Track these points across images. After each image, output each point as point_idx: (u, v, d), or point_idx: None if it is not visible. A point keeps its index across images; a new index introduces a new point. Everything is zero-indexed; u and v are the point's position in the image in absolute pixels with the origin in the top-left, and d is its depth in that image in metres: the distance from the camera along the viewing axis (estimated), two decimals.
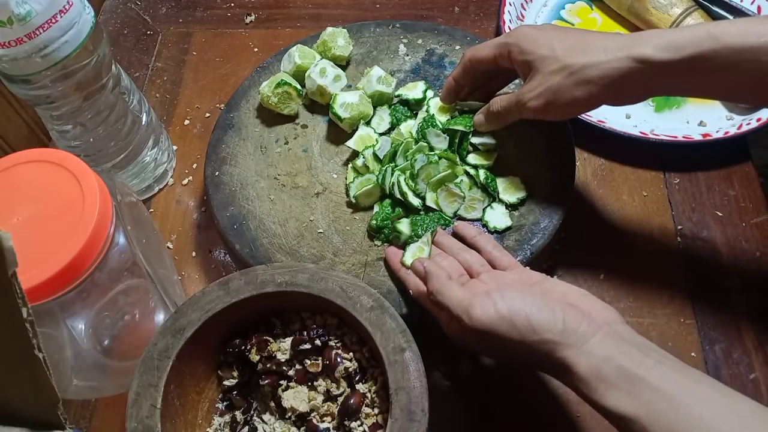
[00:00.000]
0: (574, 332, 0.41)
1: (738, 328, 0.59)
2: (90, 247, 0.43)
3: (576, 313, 0.42)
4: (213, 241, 0.67)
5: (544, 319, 0.41)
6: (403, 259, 0.54)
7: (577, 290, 0.46)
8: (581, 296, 0.45)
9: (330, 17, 0.85)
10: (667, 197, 0.67)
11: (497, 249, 0.53)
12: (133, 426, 0.43)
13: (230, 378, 0.51)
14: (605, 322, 0.42)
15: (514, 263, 0.52)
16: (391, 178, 0.59)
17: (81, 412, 0.57)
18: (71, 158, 0.46)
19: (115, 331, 0.52)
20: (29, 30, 0.49)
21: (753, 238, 0.64)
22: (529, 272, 0.50)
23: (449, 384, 0.56)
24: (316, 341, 0.49)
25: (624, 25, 0.80)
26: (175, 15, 0.87)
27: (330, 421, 0.48)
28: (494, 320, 0.42)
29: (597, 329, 0.41)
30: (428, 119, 0.62)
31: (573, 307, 0.43)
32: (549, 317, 0.42)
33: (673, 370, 0.39)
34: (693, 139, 0.68)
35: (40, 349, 0.30)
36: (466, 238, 0.55)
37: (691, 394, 0.38)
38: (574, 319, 0.42)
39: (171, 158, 0.71)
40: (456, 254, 0.53)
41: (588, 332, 0.41)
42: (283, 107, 0.65)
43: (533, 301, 0.43)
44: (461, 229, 0.56)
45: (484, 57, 0.56)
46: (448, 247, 0.55)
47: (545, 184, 0.59)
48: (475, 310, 0.43)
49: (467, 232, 0.56)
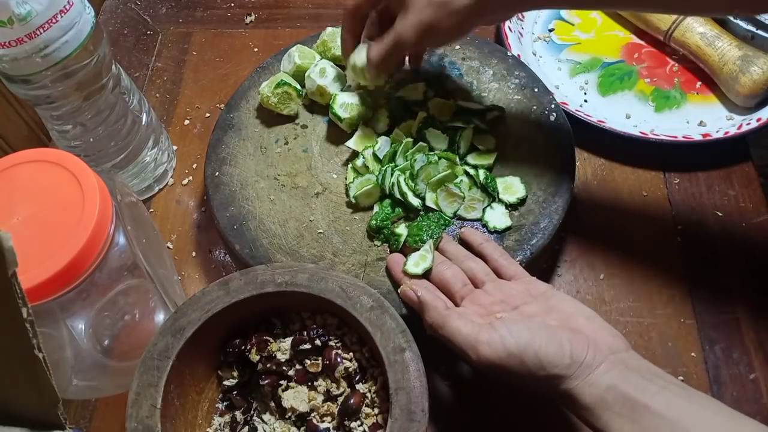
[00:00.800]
0: (580, 364, 0.41)
1: (738, 328, 0.59)
2: (90, 247, 0.43)
3: (582, 342, 0.42)
4: (213, 241, 0.67)
5: (552, 354, 0.41)
6: (406, 268, 0.53)
7: (584, 311, 0.46)
8: (587, 320, 0.45)
9: (330, 17, 0.85)
10: (667, 197, 0.67)
11: (504, 257, 0.53)
12: (133, 426, 0.43)
13: (230, 378, 0.51)
14: (610, 350, 0.42)
15: (521, 272, 0.51)
16: (391, 178, 0.59)
17: (81, 412, 0.57)
18: (71, 158, 0.46)
19: (115, 331, 0.52)
20: (29, 30, 0.49)
21: (753, 238, 0.64)
22: (535, 283, 0.50)
23: (449, 384, 0.56)
24: (316, 341, 0.49)
25: (624, 24, 0.80)
26: (175, 15, 0.87)
27: (330, 421, 0.48)
28: (502, 358, 0.42)
29: (602, 358, 0.41)
30: (428, 119, 0.62)
31: (578, 335, 0.43)
32: (557, 351, 0.41)
33: (677, 395, 0.39)
34: (693, 139, 0.68)
35: (40, 349, 0.30)
36: (473, 245, 0.55)
37: (694, 418, 0.38)
38: (580, 349, 0.42)
39: (171, 158, 0.71)
40: (461, 262, 0.53)
41: (593, 362, 0.41)
42: (283, 107, 0.65)
43: (540, 334, 0.42)
44: (468, 236, 0.56)
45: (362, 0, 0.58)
46: (453, 254, 0.54)
47: (545, 184, 0.59)
48: (483, 348, 0.42)
49: (473, 239, 0.55)
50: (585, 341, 0.42)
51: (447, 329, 0.45)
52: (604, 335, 0.44)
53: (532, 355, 0.41)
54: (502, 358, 0.42)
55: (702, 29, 0.72)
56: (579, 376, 0.41)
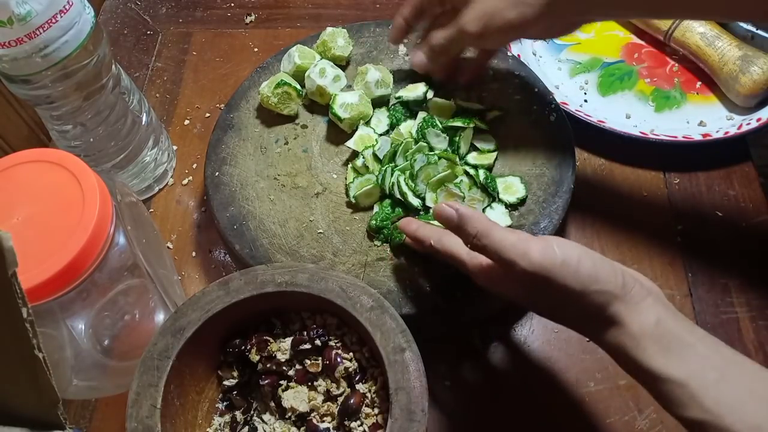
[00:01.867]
0: (630, 290, 0.40)
1: (738, 328, 0.59)
2: (90, 247, 0.43)
3: (630, 274, 0.42)
4: (213, 241, 0.67)
5: (607, 271, 0.40)
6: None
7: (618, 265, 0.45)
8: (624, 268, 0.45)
9: (330, 17, 0.85)
10: (667, 197, 0.67)
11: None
12: (133, 426, 0.43)
13: (230, 378, 0.51)
14: (654, 291, 0.42)
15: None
16: (391, 178, 0.59)
17: (81, 412, 0.57)
18: (71, 158, 0.46)
19: (115, 331, 0.52)
20: (29, 30, 0.49)
21: (753, 238, 0.64)
22: None
23: (449, 384, 0.56)
24: (316, 341, 0.49)
25: (624, 24, 0.80)
26: (175, 15, 0.87)
27: (330, 421, 0.48)
28: (556, 265, 0.40)
29: (647, 293, 0.41)
30: (428, 119, 0.62)
31: (625, 269, 0.42)
32: (610, 270, 0.41)
33: (722, 345, 0.39)
34: (693, 139, 0.68)
35: (40, 349, 0.30)
36: None
37: (741, 369, 0.38)
38: (630, 279, 0.41)
39: (171, 158, 0.71)
40: None
41: (641, 294, 0.41)
42: (283, 107, 0.65)
43: (592, 254, 0.41)
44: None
45: None
46: None
47: (545, 184, 0.59)
48: (534, 254, 0.40)
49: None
50: (631, 276, 0.42)
51: (491, 237, 0.42)
52: (644, 279, 0.43)
53: (589, 266, 0.40)
54: (556, 266, 0.40)
55: (702, 29, 0.72)
56: (630, 300, 0.40)
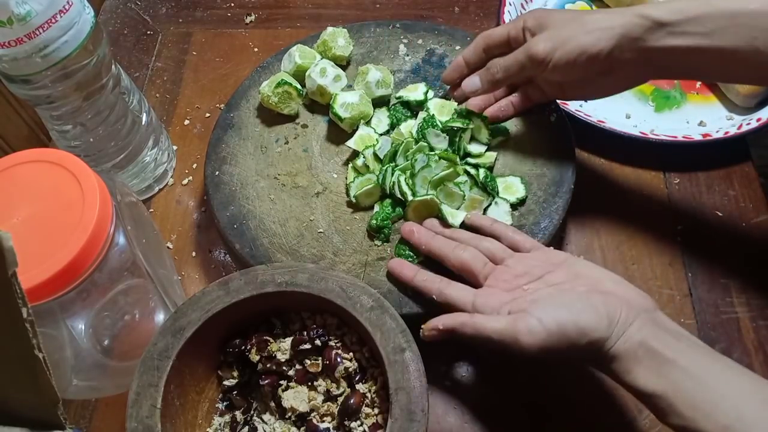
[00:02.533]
0: (616, 323, 0.42)
1: (738, 328, 0.59)
2: (90, 247, 0.43)
3: (614, 302, 0.43)
4: (213, 241, 0.67)
5: (591, 321, 0.42)
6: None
7: (609, 275, 0.46)
8: (615, 284, 0.46)
9: (330, 17, 0.85)
10: (667, 197, 0.67)
11: (517, 233, 0.53)
12: (133, 426, 0.43)
13: (230, 378, 0.51)
14: (641, 309, 0.43)
15: (536, 245, 0.52)
16: (392, 178, 0.59)
17: (81, 412, 0.57)
18: (71, 158, 0.46)
19: (115, 331, 0.52)
20: (29, 30, 0.48)
21: (753, 238, 0.64)
22: (553, 252, 0.50)
23: (449, 384, 0.56)
24: (316, 341, 0.49)
25: None
26: (175, 15, 0.87)
27: (330, 421, 0.48)
28: (545, 339, 0.42)
29: (635, 316, 0.42)
30: (428, 119, 0.62)
31: (610, 296, 0.43)
32: (593, 317, 0.42)
33: (703, 355, 0.41)
34: (693, 139, 0.68)
35: (40, 349, 0.30)
36: (483, 228, 0.55)
37: (717, 376, 0.39)
38: (614, 308, 0.42)
39: (171, 158, 0.71)
40: (477, 245, 0.52)
41: (627, 320, 0.42)
42: (284, 107, 0.65)
43: (575, 304, 0.43)
44: (476, 221, 0.55)
45: (497, 35, 0.57)
46: (465, 240, 0.54)
47: (545, 184, 0.59)
48: (524, 338, 0.42)
49: (483, 222, 0.55)
50: (617, 301, 0.43)
51: (481, 331, 0.44)
52: (633, 296, 0.44)
53: (573, 328, 0.42)
54: (546, 340, 0.42)
55: None
56: (616, 335, 0.42)
